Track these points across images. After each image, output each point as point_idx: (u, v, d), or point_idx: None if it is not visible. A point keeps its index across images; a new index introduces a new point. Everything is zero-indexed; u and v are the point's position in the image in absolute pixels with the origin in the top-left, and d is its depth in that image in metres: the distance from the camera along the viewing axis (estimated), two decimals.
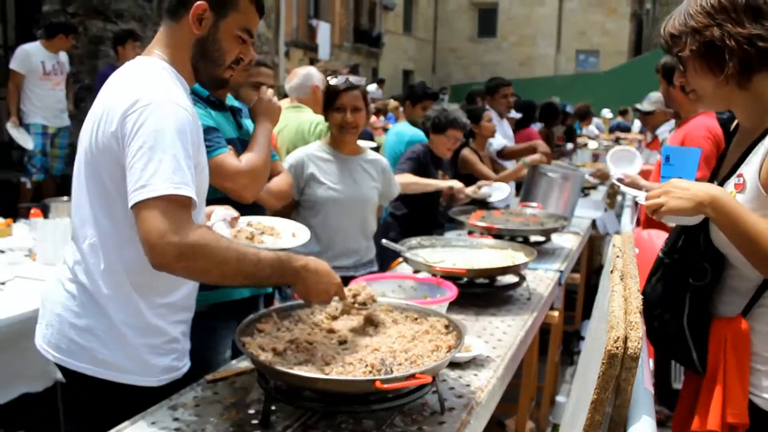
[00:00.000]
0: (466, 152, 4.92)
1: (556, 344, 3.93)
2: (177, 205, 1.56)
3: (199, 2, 1.76)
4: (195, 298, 1.94)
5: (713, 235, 1.71)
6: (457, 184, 3.94)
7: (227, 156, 2.28)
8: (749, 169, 1.66)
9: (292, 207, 3.08)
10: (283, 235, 2.26)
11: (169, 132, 1.59)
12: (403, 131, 4.85)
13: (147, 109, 1.60)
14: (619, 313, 1.24)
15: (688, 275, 1.73)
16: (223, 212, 2.13)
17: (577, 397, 1.69)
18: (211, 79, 1.89)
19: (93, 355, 1.75)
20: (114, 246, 1.72)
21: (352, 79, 3.10)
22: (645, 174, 4.00)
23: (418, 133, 4.55)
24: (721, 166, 1.85)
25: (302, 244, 2.28)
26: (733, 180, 1.71)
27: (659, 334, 1.80)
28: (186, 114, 1.66)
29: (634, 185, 3.30)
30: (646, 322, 1.76)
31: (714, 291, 1.73)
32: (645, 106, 5.41)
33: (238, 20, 1.82)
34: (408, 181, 3.86)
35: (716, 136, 3.40)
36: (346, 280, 2.95)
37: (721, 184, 1.75)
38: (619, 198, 7.63)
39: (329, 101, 3.07)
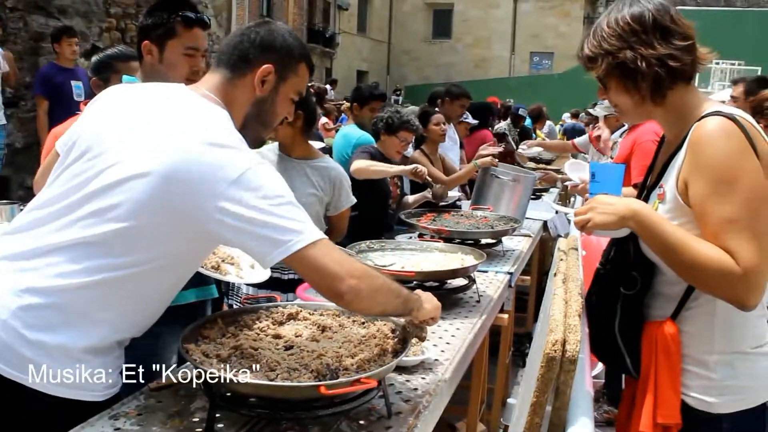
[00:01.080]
0: (416, 155, 4.91)
1: (506, 346, 3.96)
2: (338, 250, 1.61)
3: (266, 65, 1.73)
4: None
5: (642, 244, 1.76)
6: (419, 165, 3.92)
7: None
8: (669, 180, 1.72)
9: None
10: (242, 265, 2.23)
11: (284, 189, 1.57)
12: (350, 134, 4.83)
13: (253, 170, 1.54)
14: (558, 316, 1.25)
15: (620, 284, 1.78)
16: None
17: (522, 399, 1.71)
18: (254, 139, 1.82)
19: (38, 368, 1.68)
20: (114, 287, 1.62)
21: None
22: None
23: (366, 136, 4.54)
24: (650, 175, 1.90)
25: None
26: (656, 191, 1.77)
27: (597, 342, 1.84)
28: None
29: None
30: (590, 330, 1.80)
31: (645, 297, 1.78)
32: (597, 111, 5.50)
33: (295, 84, 1.80)
34: (367, 164, 3.84)
35: None
36: (274, 281, 3.00)
37: (649, 192, 1.82)
38: (571, 200, 7.75)
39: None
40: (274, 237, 1.48)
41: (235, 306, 3.09)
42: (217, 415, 1.56)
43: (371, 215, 4.05)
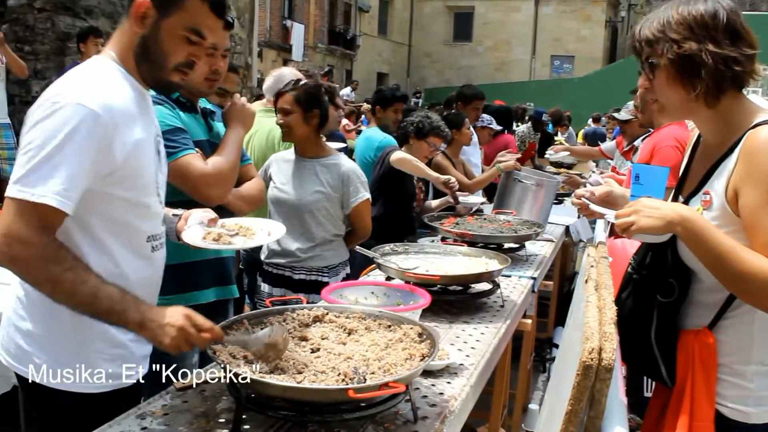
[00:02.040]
0: (439, 158, 4.91)
1: (528, 352, 3.94)
2: (40, 212, 1.54)
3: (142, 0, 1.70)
4: (154, 302, 1.90)
5: (681, 251, 1.73)
6: (452, 178, 3.93)
7: (192, 158, 2.25)
8: (715, 187, 1.68)
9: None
10: (258, 235, 2.22)
11: (60, 136, 1.55)
12: (373, 136, 4.82)
13: (51, 107, 1.58)
14: (593, 324, 1.23)
15: (656, 292, 1.75)
16: (201, 214, 2.09)
17: (550, 407, 1.69)
18: (154, 82, 1.82)
19: (33, 360, 1.71)
20: None
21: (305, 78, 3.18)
22: (618, 182, 4.03)
23: (389, 138, 4.53)
24: (685, 180, 1.86)
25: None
26: (699, 197, 1.73)
27: (628, 349, 1.81)
28: (92, 116, 1.59)
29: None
30: (620, 337, 1.77)
31: (681, 305, 1.75)
32: (622, 114, 5.45)
33: (183, 20, 1.73)
34: (411, 158, 3.87)
35: (685, 147, 3.43)
36: (281, 279, 3.05)
37: (688, 199, 1.77)
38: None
39: (311, 107, 3.11)
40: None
41: (257, 307, 3.10)
42: (243, 416, 1.56)
43: (395, 217, 4.04)
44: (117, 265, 1.75)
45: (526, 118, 9.13)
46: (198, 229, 2.05)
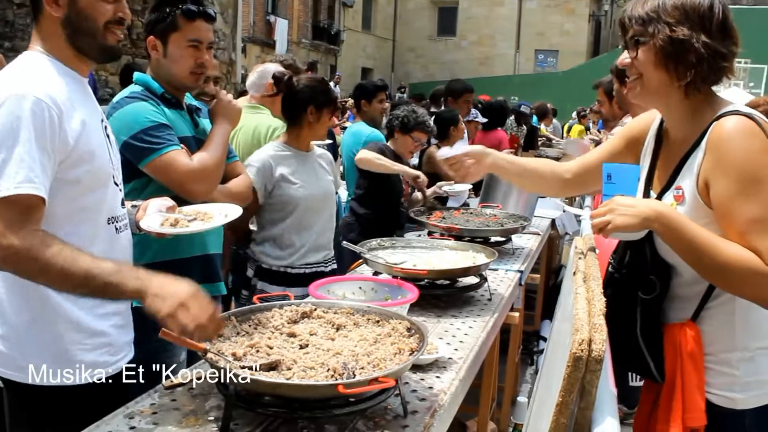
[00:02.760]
0: (432, 149, 4.97)
1: (516, 344, 3.95)
2: (14, 206, 1.53)
3: None
4: None
5: (659, 246, 1.74)
6: (422, 175, 3.95)
7: (178, 154, 2.23)
8: (686, 181, 1.70)
9: (253, 210, 3.01)
10: (215, 218, 2.20)
11: (14, 128, 1.55)
12: (360, 131, 4.83)
13: None
14: (583, 315, 1.24)
15: (637, 289, 1.76)
16: (159, 202, 2.08)
17: (540, 399, 1.70)
18: (98, 50, 1.80)
19: (11, 360, 1.70)
20: None
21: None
22: None
23: (375, 133, 4.53)
24: (653, 176, 1.87)
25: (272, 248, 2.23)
26: (671, 192, 1.74)
27: (616, 348, 1.80)
28: (36, 103, 1.59)
29: None
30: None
31: (663, 301, 1.76)
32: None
33: None
34: (374, 156, 3.85)
35: None
36: (316, 275, 2.98)
37: (660, 195, 1.78)
38: (577, 198, 7.72)
39: (329, 103, 3.06)
40: None
41: (245, 304, 3.08)
42: (233, 414, 1.55)
43: (383, 213, 4.04)
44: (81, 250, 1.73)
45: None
46: (156, 216, 2.04)
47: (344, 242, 2.76)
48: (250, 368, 1.52)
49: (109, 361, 1.80)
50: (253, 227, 3.11)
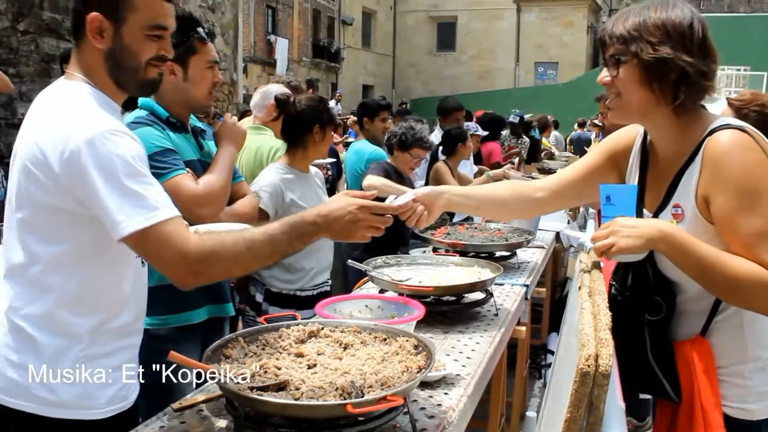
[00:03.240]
0: (440, 164, 5.03)
1: (523, 359, 3.94)
2: (170, 226, 1.57)
3: (91, 15, 1.66)
4: (142, 322, 1.90)
5: (661, 265, 1.73)
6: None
7: (183, 178, 2.25)
8: (684, 198, 1.69)
9: None
10: None
11: (118, 165, 1.56)
12: (362, 149, 4.86)
13: (78, 153, 1.55)
14: (589, 330, 1.24)
15: (643, 311, 1.75)
16: None
17: (548, 414, 1.69)
18: (137, 86, 1.80)
19: (30, 391, 1.67)
20: (44, 273, 1.68)
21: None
22: None
23: (378, 151, 4.55)
24: (644, 194, 1.85)
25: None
26: (669, 210, 1.73)
27: (627, 373, 1.77)
28: (114, 137, 1.59)
29: None
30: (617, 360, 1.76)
31: (671, 320, 1.76)
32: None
33: (139, 20, 1.70)
34: (381, 182, 3.87)
35: None
36: (322, 296, 2.99)
37: (656, 214, 1.77)
38: (581, 210, 7.72)
39: (332, 121, 3.09)
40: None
41: (251, 325, 3.08)
42: None
43: (387, 230, 4.04)
44: (121, 281, 1.77)
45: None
46: None
47: (349, 261, 2.77)
48: (259, 389, 1.52)
49: (125, 395, 1.80)
50: None
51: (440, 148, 5.42)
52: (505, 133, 9.41)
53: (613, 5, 38.21)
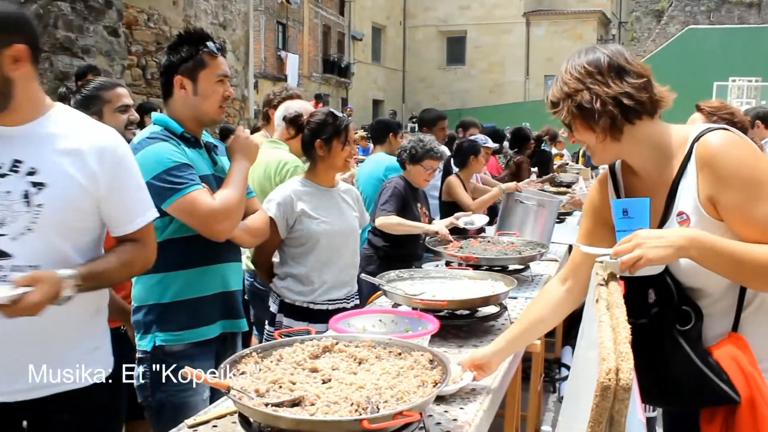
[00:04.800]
0: (451, 178, 5.02)
1: (537, 373, 3.91)
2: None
3: None
4: None
5: (682, 276, 1.74)
6: (443, 229, 3.92)
7: (200, 193, 2.25)
8: (685, 205, 1.73)
9: (276, 244, 3.00)
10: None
11: None
12: (381, 159, 4.93)
13: None
14: (609, 344, 1.23)
15: (674, 324, 1.73)
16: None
17: (565, 429, 1.67)
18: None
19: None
20: None
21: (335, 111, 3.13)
22: None
23: (395, 162, 4.57)
24: None
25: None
26: (674, 219, 1.75)
27: (672, 393, 1.76)
28: None
29: None
30: (648, 380, 1.73)
31: (702, 325, 1.75)
32: None
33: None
34: (395, 222, 3.88)
35: None
36: (338, 311, 2.95)
37: (661, 225, 1.78)
38: None
39: (338, 133, 3.03)
40: None
41: (264, 340, 3.07)
42: None
43: (402, 244, 4.04)
44: None
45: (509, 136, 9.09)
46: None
47: (363, 275, 2.76)
48: (274, 405, 1.52)
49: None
50: (275, 259, 3.09)
51: (452, 159, 5.43)
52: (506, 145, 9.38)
53: (622, 18, 38.30)
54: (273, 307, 3.03)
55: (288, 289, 2.98)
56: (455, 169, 5.35)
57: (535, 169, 8.38)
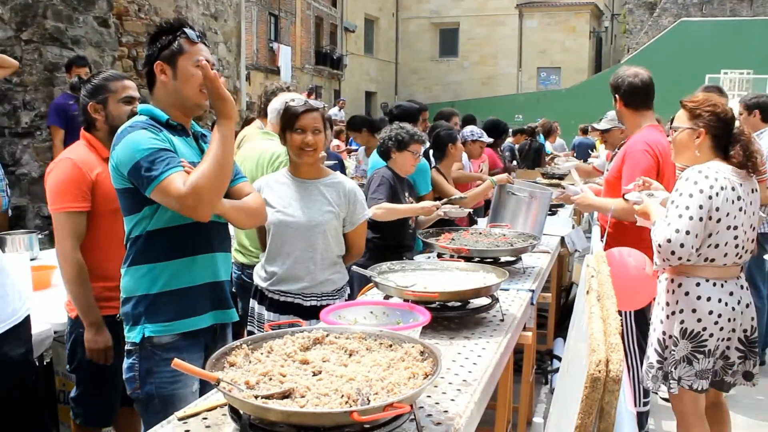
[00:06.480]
0: (433, 173, 4.94)
1: (529, 364, 3.91)
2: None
3: None
4: None
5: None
6: (430, 203, 3.99)
7: (171, 180, 2.18)
8: None
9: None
10: None
11: None
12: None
13: None
14: (599, 335, 1.22)
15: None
16: None
17: (556, 420, 1.67)
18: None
19: None
20: None
21: (312, 101, 3.06)
22: (596, 192, 4.06)
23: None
24: None
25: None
26: None
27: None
28: None
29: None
30: None
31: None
32: (602, 124, 5.54)
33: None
34: (387, 208, 3.86)
35: (655, 150, 3.49)
36: (290, 306, 2.97)
37: None
38: (585, 216, 7.70)
39: (289, 123, 2.99)
40: None
41: (255, 332, 3.06)
42: None
43: (392, 237, 4.03)
44: None
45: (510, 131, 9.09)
46: None
47: (354, 267, 2.75)
48: (264, 397, 1.51)
49: None
50: None
51: (430, 152, 5.28)
52: (508, 140, 9.39)
53: (615, 10, 38.30)
54: (252, 302, 3.10)
55: (257, 273, 3.07)
56: (434, 162, 5.27)
57: (515, 163, 8.41)
